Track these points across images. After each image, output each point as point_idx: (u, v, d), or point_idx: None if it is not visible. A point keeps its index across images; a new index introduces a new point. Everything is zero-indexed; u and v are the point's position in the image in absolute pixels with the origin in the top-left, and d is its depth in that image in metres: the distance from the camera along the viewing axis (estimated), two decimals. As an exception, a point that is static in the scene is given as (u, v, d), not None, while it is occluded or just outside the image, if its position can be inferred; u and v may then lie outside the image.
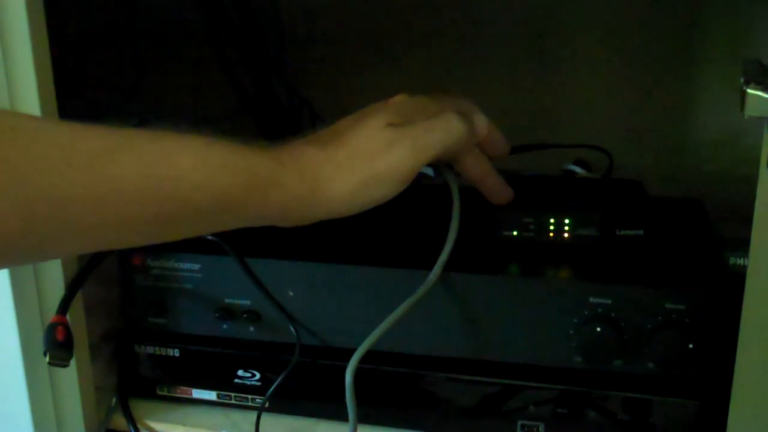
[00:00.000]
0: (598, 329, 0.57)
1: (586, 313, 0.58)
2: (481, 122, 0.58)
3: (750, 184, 0.46)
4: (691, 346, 0.56)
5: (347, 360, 0.55)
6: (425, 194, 0.63)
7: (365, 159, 0.52)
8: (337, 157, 0.52)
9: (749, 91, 0.42)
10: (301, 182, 0.51)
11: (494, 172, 0.61)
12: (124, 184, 0.45)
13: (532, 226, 0.62)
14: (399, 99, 0.58)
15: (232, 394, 0.66)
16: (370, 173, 0.52)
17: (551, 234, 0.62)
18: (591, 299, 0.58)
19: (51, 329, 0.57)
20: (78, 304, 0.61)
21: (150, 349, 0.67)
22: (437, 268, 0.57)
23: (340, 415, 0.59)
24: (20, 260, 0.53)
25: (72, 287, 0.60)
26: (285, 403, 0.66)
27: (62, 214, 0.44)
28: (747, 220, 0.46)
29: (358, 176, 0.52)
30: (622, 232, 0.61)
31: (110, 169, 0.45)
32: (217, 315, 0.64)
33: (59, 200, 0.44)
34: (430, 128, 0.55)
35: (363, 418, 0.58)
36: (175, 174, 0.47)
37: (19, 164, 0.42)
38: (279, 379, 0.63)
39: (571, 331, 0.58)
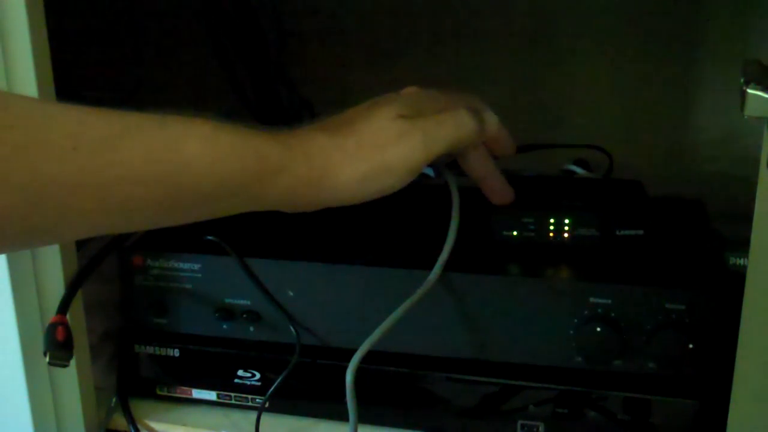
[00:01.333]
0: (598, 329, 0.57)
1: (586, 313, 0.58)
2: (492, 120, 0.58)
3: (750, 184, 0.46)
4: (691, 346, 0.56)
5: (347, 360, 0.55)
6: (425, 194, 0.63)
7: (375, 148, 0.52)
8: (347, 144, 0.52)
9: (749, 91, 0.42)
10: (309, 168, 0.51)
11: (497, 171, 0.61)
12: (130, 169, 0.45)
13: (532, 226, 0.62)
14: (410, 91, 0.58)
15: (232, 394, 0.66)
16: (379, 163, 0.52)
17: (551, 234, 0.62)
18: (591, 299, 0.58)
19: (51, 329, 0.57)
20: (78, 304, 0.61)
21: (150, 349, 0.67)
22: (437, 268, 0.57)
23: (341, 415, 0.59)
24: (27, 244, 0.53)
25: (72, 287, 0.60)
26: (285, 403, 0.66)
27: (69, 198, 0.44)
28: (747, 220, 0.46)
29: (367, 165, 0.52)
30: (622, 232, 0.61)
31: (117, 154, 0.45)
32: (217, 315, 0.64)
33: (66, 185, 0.44)
34: (441, 122, 0.55)
35: (363, 418, 0.58)
36: (182, 159, 0.47)
37: (28, 149, 0.43)
38: (279, 379, 0.63)
39: (571, 331, 0.58)
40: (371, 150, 0.52)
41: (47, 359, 0.56)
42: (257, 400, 0.66)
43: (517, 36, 0.87)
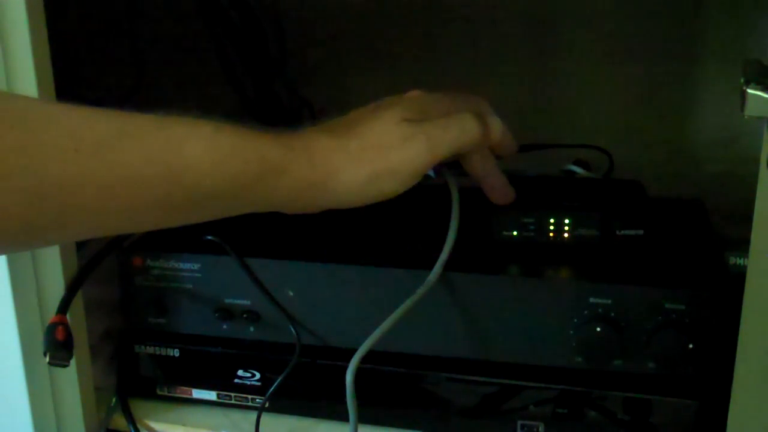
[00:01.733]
0: (598, 329, 0.57)
1: (586, 313, 0.58)
2: (496, 125, 0.58)
3: (750, 184, 0.46)
4: (691, 346, 0.56)
5: (347, 360, 0.55)
6: (425, 194, 0.63)
7: (379, 151, 0.52)
8: (350, 147, 0.52)
9: (749, 91, 0.42)
10: (312, 170, 0.51)
11: (498, 171, 0.61)
12: (131, 170, 0.45)
13: (532, 226, 0.62)
14: (415, 94, 0.58)
15: (232, 394, 0.66)
16: (383, 166, 0.52)
17: (551, 234, 0.62)
18: (591, 299, 0.58)
19: (51, 329, 0.57)
20: (78, 304, 0.61)
21: (150, 349, 0.67)
22: (437, 268, 0.57)
23: (341, 415, 0.59)
24: (27, 244, 0.53)
25: (72, 287, 0.60)
26: (285, 403, 0.66)
27: (71, 199, 0.44)
28: (747, 220, 0.46)
29: (371, 168, 0.52)
30: (622, 232, 0.61)
31: (118, 155, 0.45)
32: (217, 315, 0.64)
33: (68, 186, 0.44)
34: (446, 126, 0.55)
35: (363, 418, 0.58)
36: (183, 160, 0.47)
37: (30, 150, 0.43)
38: (279, 379, 0.63)
39: (571, 331, 0.58)
40: (375, 153, 0.52)
41: (47, 359, 0.56)
42: (257, 400, 0.66)
43: (517, 36, 0.87)
